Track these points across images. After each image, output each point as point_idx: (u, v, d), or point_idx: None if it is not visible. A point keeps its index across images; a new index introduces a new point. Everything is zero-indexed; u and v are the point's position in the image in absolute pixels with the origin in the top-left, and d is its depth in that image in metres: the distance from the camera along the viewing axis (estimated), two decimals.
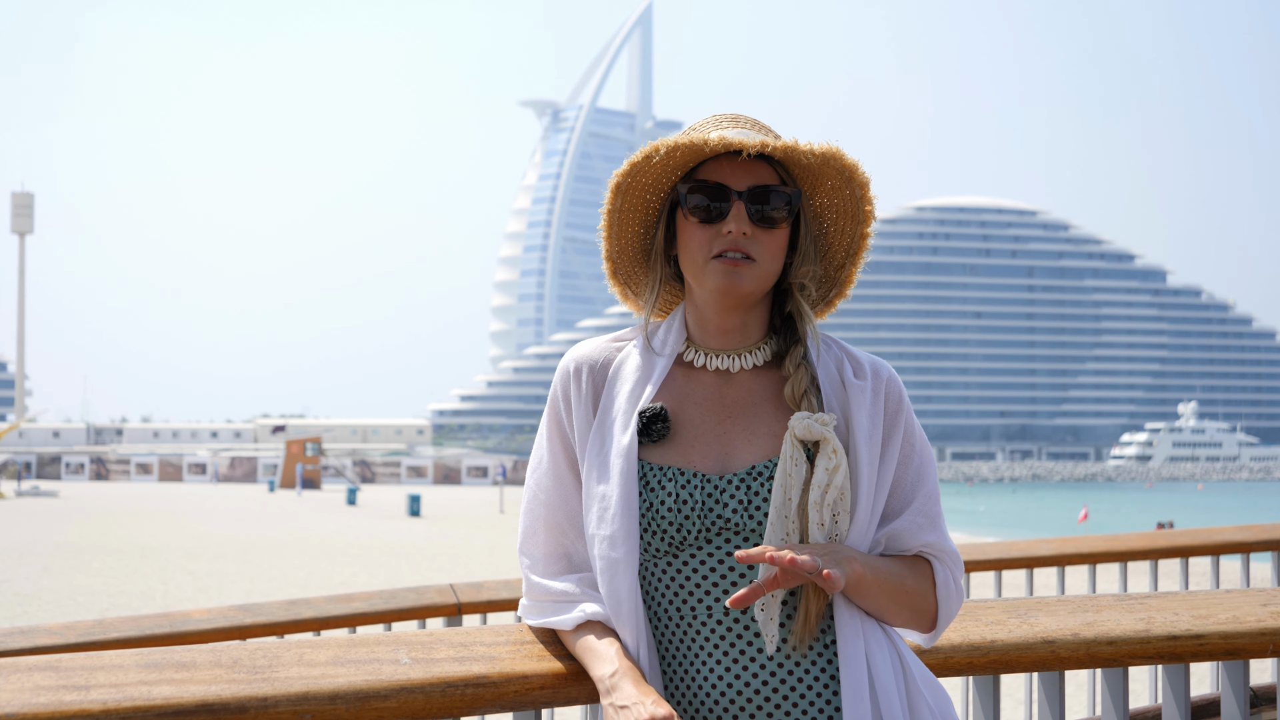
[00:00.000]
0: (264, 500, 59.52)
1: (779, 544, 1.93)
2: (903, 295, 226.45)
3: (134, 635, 3.61)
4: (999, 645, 2.30)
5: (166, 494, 65.24)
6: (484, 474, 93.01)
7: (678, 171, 2.08)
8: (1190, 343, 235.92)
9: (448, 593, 4.16)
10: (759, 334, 2.11)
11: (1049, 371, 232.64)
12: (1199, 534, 5.14)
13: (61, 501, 55.34)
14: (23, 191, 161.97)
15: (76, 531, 35.60)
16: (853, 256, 2.13)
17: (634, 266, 2.18)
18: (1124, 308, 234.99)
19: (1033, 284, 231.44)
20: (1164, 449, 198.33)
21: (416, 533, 37.51)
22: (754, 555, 1.86)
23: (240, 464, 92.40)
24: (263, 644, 1.96)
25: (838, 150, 2.02)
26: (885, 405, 2.06)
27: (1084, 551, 5.00)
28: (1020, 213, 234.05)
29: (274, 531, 36.77)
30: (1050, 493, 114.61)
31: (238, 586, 21.26)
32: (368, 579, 22.82)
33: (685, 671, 1.99)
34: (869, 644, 1.97)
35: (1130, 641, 2.32)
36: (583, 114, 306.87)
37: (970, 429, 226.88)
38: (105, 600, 19.15)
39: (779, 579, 1.88)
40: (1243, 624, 2.36)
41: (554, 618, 2.07)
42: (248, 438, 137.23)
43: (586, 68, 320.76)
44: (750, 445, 2.03)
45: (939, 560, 2.05)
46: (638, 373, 2.09)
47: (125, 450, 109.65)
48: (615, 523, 1.99)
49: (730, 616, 1.97)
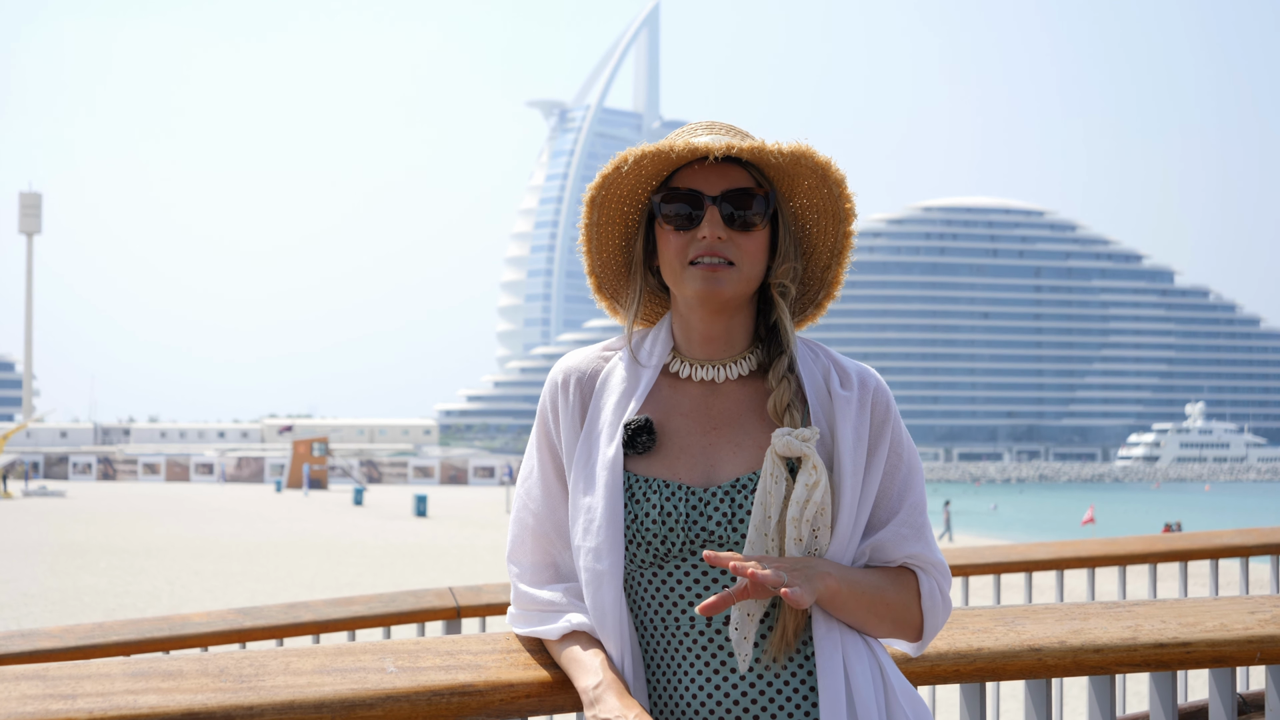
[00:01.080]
0: (271, 500, 59.60)
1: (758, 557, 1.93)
2: (910, 295, 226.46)
3: (133, 639, 3.61)
4: (985, 653, 2.31)
5: (173, 494, 65.32)
6: (491, 474, 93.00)
7: (652, 181, 2.08)
8: (1198, 343, 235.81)
9: (446, 596, 4.15)
10: (744, 343, 2.11)
11: (1056, 372, 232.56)
12: (1198, 537, 5.13)
13: (68, 501, 55.46)
14: (30, 191, 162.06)
15: (83, 532, 35.67)
16: (837, 256, 2.12)
17: (617, 280, 2.18)
18: (1131, 308, 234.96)
19: (1040, 284, 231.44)
20: (1171, 450, 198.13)
21: (422, 533, 37.59)
22: (721, 559, 1.85)
23: (247, 464, 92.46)
24: (250, 652, 1.97)
25: (808, 149, 2.01)
26: (872, 415, 2.05)
27: (1082, 555, 5.00)
28: (1027, 213, 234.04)
29: (280, 532, 36.83)
30: (1057, 493, 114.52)
31: (243, 587, 21.29)
32: (373, 580, 22.85)
33: (669, 683, 2.00)
34: (848, 657, 1.96)
35: (1117, 649, 2.33)
36: (590, 114, 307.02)
37: (977, 429, 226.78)
38: (111, 600, 19.18)
39: (749, 589, 1.87)
40: (1230, 632, 2.37)
41: (540, 627, 2.08)
42: (255, 438, 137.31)
43: (594, 68, 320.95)
44: (735, 457, 2.03)
45: (924, 572, 2.05)
46: (624, 384, 2.09)
47: (132, 450, 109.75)
48: (600, 535, 2.00)
49: (712, 627, 1.98)
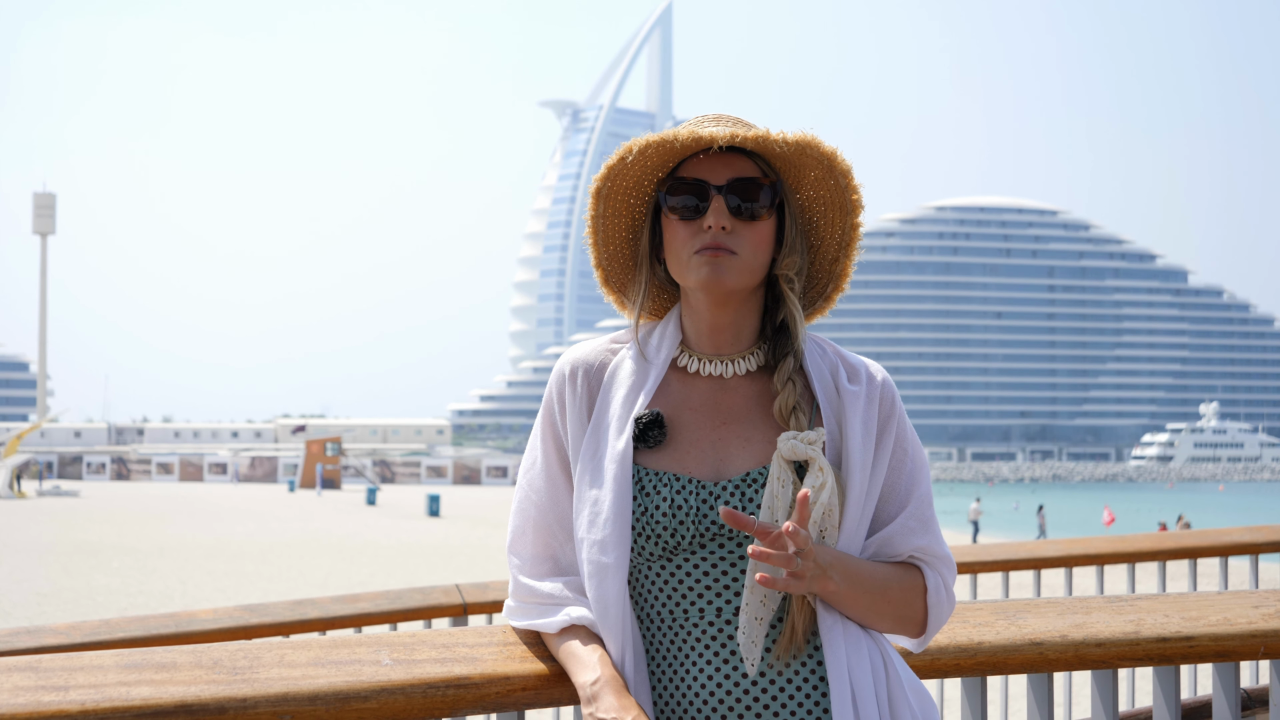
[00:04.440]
0: (284, 500, 59.70)
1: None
2: (923, 295, 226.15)
3: (140, 635, 3.61)
4: (986, 647, 2.30)
5: (187, 494, 65.47)
6: (504, 474, 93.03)
7: (658, 173, 2.08)
8: (1211, 343, 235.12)
9: (454, 593, 4.15)
10: (751, 337, 2.10)
11: (1069, 371, 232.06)
12: (1207, 535, 5.12)
13: (82, 501, 55.62)
14: (44, 192, 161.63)
15: (97, 531, 35.78)
16: (845, 249, 2.12)
17: (625, 273, 2.17)
18: (1145, 308, 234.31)
19: (1053, 284, 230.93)
20: (1185, 449, 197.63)
21: (435, 533, 37.60)
22: (742, 519, 1.85)
23: (260, 464, 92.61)
24: (245, 645, 1.97)
25: (813, 138, 2.01)
26: (879, 409, 2.05)
27: (1091, 553, 4.98)
28: (1041, 212, 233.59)
29: (293, 531, 36.89)
30: (1071, 493, 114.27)
31: (255, 586, 21.33)
32: (385, 578, 22.87)
33: (674, 678, 1.99)
34: (851, 652, 1.96)
35: (1119, 643, 2.32)
36: (602, 114, 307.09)
37: (991, 429, 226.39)
38: (124, 599, 19.23)
39: (767, 549, 1.86)
40: (1234, 626, 2.36)
41: (539, 620, 2.07)
42: (268, 437, 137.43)
43: (606, 68, 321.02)
44: (744, 452, 2.02)
45: (929, 566, 2.05)
46: (633, 377, 2.08)
47: (146, 450, 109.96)
48: (607, 527, 1.99)
49: (722, 618, 1.97)
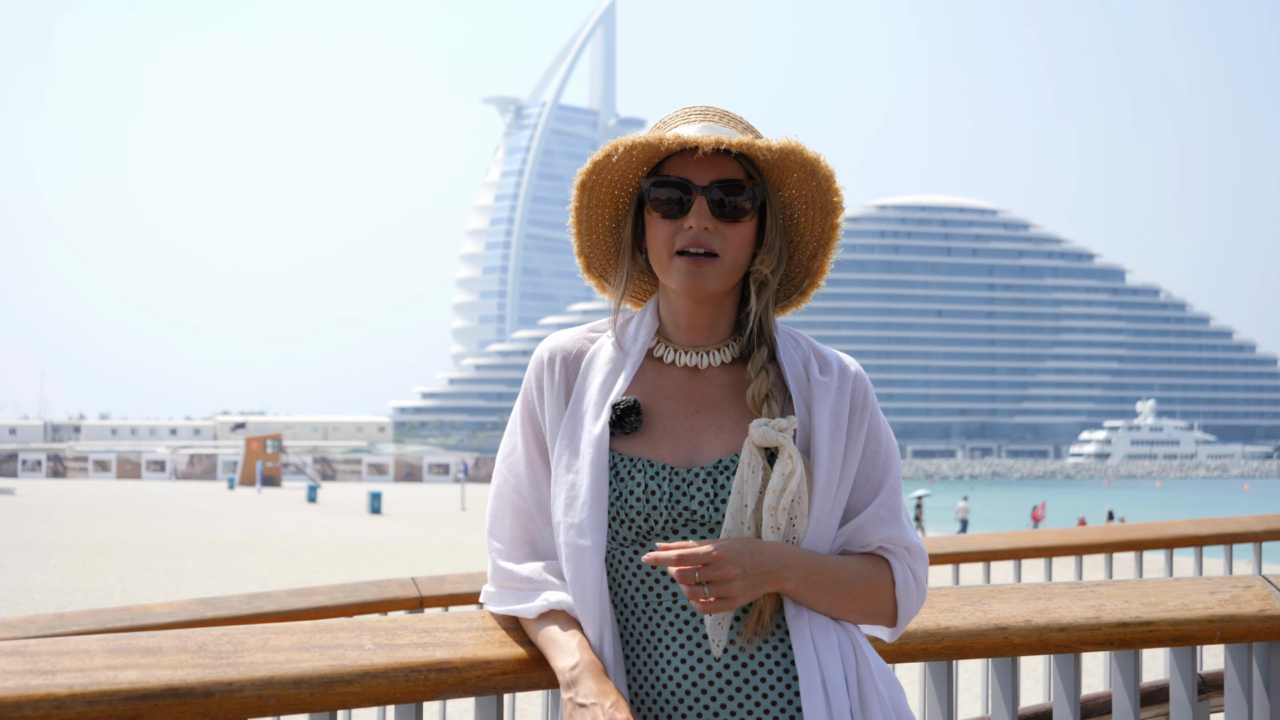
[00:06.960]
0: (224, 498, 59.20)
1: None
2: (864, 293, 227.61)
3: (94, 628, 3.61)
4: (953, 631, 2.34)
5: (125, 491, 64.78)
6: (445, 471, 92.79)
7: (644, 167, 2.11)
8: (1149, 341, 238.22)
9: (409, 586, 4.16)
10: (726, 330, 2.15)
11: (1009, 369, 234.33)
12: (1153, 528, 5.20)
13: (18, 499, 54.84)
14: None
15: (33, 529, 35.30)
16: (824, 247, 2.16)
17: (606, 261, 2.21)
18: (1083, 306, 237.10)
19: (993, 282, 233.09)
20: (1122, 447, 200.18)
21: (377, 530, 37.43)
22: (661, 560, 1.91)
23: (199, 461, 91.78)
24: (229, 630, 1.98)
25: (797, 145, 2.04)
26: (851, 401, 2.10)
27: (1040, 545, 5.08)
28: (981, 211, 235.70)
29: (234, 529, 36.59)
30: (1010, 490, 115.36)
31: (196, 584, 21.14)
32: (328, 576, 22.75)
33: (647, 658, 2.02)
34: (819, 636, 2.00)
35: (1081, 628, 2.37)
36: (546, 111, 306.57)
37: (931, 426, 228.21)
38: (62, 598, 19.00)
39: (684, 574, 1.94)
40: (1191, 611, 2.41)
41: (517, 605, 2.09)
42: (207, 435, 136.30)
43: (550, 65, 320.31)
44: (717, 439, 2.06)
45: (896, 558, 2.08)
46: (610, 365, 2.12)
47: (83, 447, 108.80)
48: (584, 511, 2.02)
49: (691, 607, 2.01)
